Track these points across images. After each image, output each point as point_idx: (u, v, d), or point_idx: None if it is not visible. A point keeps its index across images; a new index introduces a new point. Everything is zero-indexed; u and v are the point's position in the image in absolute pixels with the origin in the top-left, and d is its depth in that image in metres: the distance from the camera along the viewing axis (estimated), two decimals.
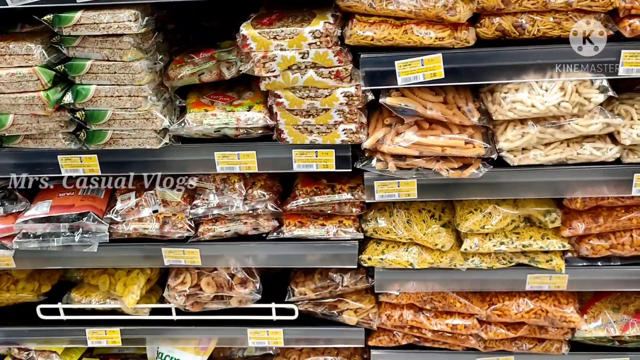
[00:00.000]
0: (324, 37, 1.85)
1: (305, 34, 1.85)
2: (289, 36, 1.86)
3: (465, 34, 1.85)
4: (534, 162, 2.02)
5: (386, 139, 2.03)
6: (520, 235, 2.23)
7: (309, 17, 1.92)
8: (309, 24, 1.86)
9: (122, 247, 2.36)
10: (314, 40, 1.85)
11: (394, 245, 2.33)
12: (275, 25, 1.90)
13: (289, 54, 1.89)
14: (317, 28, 1.84)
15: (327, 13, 1.91)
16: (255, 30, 1.89)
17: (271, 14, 1.98)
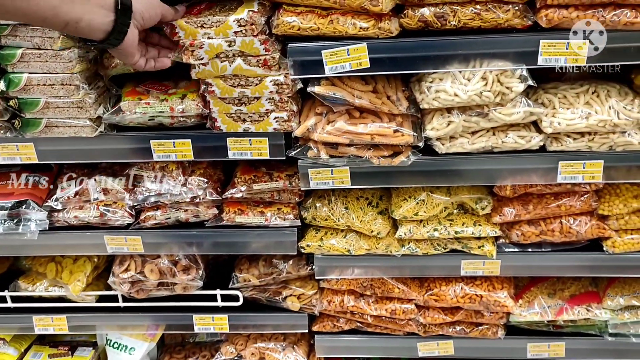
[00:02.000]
0: (249, 26, 1.87)
1: (230, 22, 1.87)
2: (215, 24, 1.89)
3: (388, 24, 1.88)
4: (461, 149, 2.06)
5: (317, 127, 2.06)
6: (454, 222, 2.27)
7: (235, 5, 1.94)
8: (235, 13, 1.89)
9: (63, 234, 2.38)
10: (239, 28, 1.88)
11: (332, 232, 2.37)
12: (202, 14, 1.92)
13: (216, 42, 1.92)
14: (241, 16, 1.87)
15: (254, 2, 1.94)
16: (183, 19, 1.91)
17: (200, 3, 2.01)
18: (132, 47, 1.77)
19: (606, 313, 2.42)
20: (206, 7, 1.97)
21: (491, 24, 1.87)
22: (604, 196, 2.21)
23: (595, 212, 2.23)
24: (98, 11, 1.62)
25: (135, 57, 1.83)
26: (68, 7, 1.56)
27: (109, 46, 1.73)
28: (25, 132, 2.14)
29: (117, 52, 1.79)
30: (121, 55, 1.82)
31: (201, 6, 1.98)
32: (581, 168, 2.05)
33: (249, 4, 1.93)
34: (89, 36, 1.67)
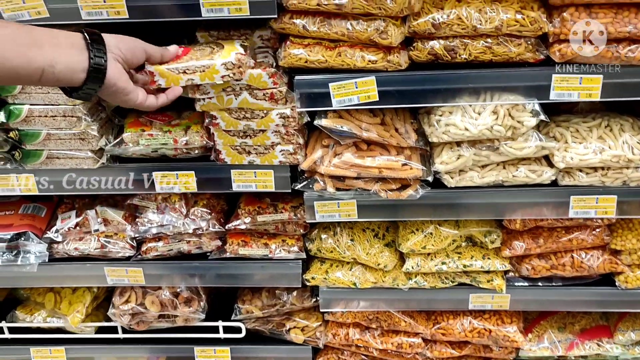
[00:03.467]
0: (236, 68, 1.80)
1: (217, 67, 1.79)
2: (199, 69, 1.78)
3: (397, 57, 1.84)
4: (471, 183, 2.02)
5: (324, 160, 2.02)
6: (462, 255, 2.23)
7: (217, 48, 1.87)
8: (221, 55, 1.82)
9: (63, 266, 2.33)
10: (226, 72, 1.79)
11: (337, 265, 2.32)
12: (183, 59, 1.80)
13: None
14: (228, 60, 1.79)
15: (235, 43, 1.89)
16: (163, 66, 1.77)
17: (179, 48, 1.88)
18: (120, 80, 1.60)
19: (617, 348, 2.37)
20: (183, 53, 1.84)
21: (503, 58, 1.83)
22: (617, 230, 2.16)
23: (607, 246, 2.18)
24: (71, 52, 1.50)
25: (130, 91, 1.64)
26: (39, 52, 1.45)
27: (94, 87, 1.56)
28: (26, 164, 2.09)
29: (109, 93, 1.62)
30: (116, 96, 1.63)
31: (179, 52, 1.85)
32: (594, 203, 2.01)
33: (232, 46, 1.85)
34: (71, 80, 1.53)
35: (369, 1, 1.77)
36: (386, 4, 1.76)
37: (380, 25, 1.80)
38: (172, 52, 1.79)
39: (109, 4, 1.80)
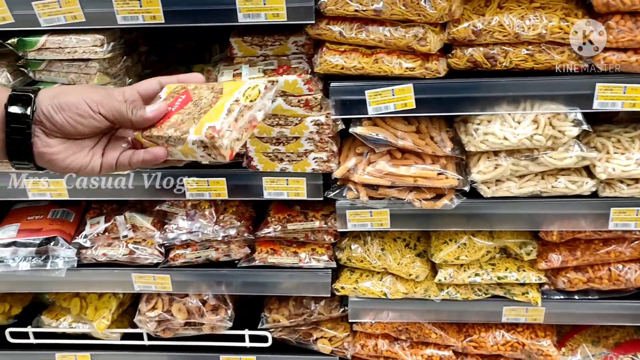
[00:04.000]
0: (211, 149, 1.23)
1: (189, 144, 1.23)
2: (179, 142, 1.25)
3: (436, 64, 1.81)
4: (508, 194, 1.98)
5: (358, 168, 1.99)
6: (496, 267, 2.18)
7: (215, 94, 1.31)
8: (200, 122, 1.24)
9: (91, 271, 2.31)
10: (202, 152, 1.25)
11: (368, 274, 2.28)
12: (171, 120, 1.29)
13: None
14: (197, 137, 1.21)
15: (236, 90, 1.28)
16: (144, 132, 1.30)
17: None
18: (64, 162, 1.24)
19: None
20: (181, 104, 1.30)
21: (544, 66, 1.79)
22: None
23: None
24: None
25: (88, 168, 1.27)
26: None
27: (23, 167, 1.25)
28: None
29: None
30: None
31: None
32: (634, 215, 1.96)
33: (227, 97, 1.26)
34: None
35: (408, 8, 1.74)
36: (426, 10, 1.72)
37: (419, 32, 1.77)
38: (150, 116, 1.27)
39: (145, 9, 1.78)
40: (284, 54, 2.01)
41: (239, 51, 2.01)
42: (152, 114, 1.28)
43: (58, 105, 1.18)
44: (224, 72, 1.94)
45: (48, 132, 1.20)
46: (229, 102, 1.23)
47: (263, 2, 1.75)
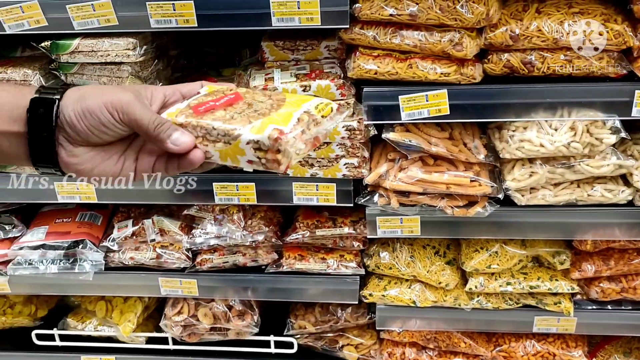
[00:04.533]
0: (271, 153, 1.08)
1: (242, 143, 1.07)
2: (221, 138, 1.09)
3: (472, 70, 1.78)
4: (543, 202, 1.95)
5: (389, 174, 1.97)
6: (528, 276, 2.15)
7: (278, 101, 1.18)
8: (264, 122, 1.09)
9: (118, 275, 2.31)
10: (253, 155, 1.08)
11: (396, 282, 2.25)
12: (216, 114, 1.14)
13: (290, 87, 1.83)
14: (258, 137, 1.05)
15: (306, 102, 1.16)
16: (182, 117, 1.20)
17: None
18: (92, 173, 1.12)
19: None
20: (229, 101, 1.17)
21: (583, 72, 1.76)
22: None
23: None
24: (10, 123, 1.08)
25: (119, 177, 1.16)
26: None
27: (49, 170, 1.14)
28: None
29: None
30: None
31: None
32: None
33: (296, 106, 1.14)
34: (10, 158, 1.13)
35: (445, 12, 1.72)
36: (463, 15, 1.70)
37: (454, 37, 1.75)
38: (181, 143, 1.09)
39: (178, 12, 1.78)
40: (316, 59, 1.99)
41: (271, 55, 2.00)
42: (183, 142, 1.08)
43: (80, 112, 1.05)
44: (255, 76, 1.93)
45: (72, 141, 1.08)
46: (297, 111, 1.11)
47: (297, 6, 1.73)
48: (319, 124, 1.13)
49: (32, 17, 1.84)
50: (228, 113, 1.12)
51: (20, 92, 1.09)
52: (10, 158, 1.11)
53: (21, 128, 1.07)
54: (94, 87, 1.10)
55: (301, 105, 1.13)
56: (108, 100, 1.05)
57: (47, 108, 1.06)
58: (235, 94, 1.18)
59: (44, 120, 1.06)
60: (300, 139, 1.09)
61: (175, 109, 1.14)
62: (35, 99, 1.07)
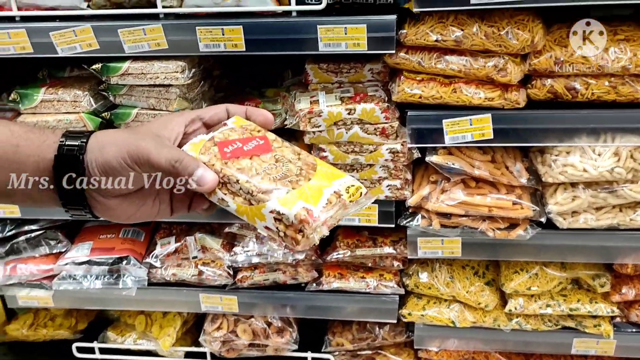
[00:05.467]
0: (291, 229, 1.02)
1: (265, 210, 1.02)
2: (244, 194, 1.04)
3: (516, 95, 1.80)
4: (585, 226, 1.95)
5: (431, 196, 1.99)
6: (568, 298, 2.15)
7: (308, 169, 1.11)
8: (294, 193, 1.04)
9: (159, 290, 2.35)
10: (273, 224, 1.02)
11: (435, 301, 2.27)
12: (241, 162, 1.08)
13: (335, 110, 1.87)
14: (287, 211, 1.00)
15: (338, 180, 1.09)
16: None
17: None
18: (129, 219, 1.11)
19: None
20: (256, 149, 1.11)
21: (627, 98, 1.77)
22: None
23: None
24: (37, 175, 1.03)
25: (157, 217, 1.16)
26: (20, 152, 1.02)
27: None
28: None
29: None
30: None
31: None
32: None
33: (327, 181, 1.07)
34: (44, 205, 1.09)
35: (490, 38, 1.74)
36: (508, 42, 1.72)
37: (499, 62, 1.77)
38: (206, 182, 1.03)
39: (227, 37, 1.82)
40: (359, 81, 2.03)
41: (315, 77, 2.03)
42: (208, 181, 1.02)
43: (102, 168, 1.01)
44: (300, 98, 1.96)
45: (104, 194, 1.04)
46: (328, 189, 1.03)
47: (344, 32, 1.77)
48: (346, 208, 1.05)
49: (85, 40, 1.89)
50: (254, 165, 1.05)
51: (44, 141, 1.03)
52: (44, 205, 1.08)
53: (50, 183, 1.03)
54: (113, 134, 1.06)
55: (332, 182, 1.05)
56: (125, 152, 1.00)
57: (73, 163, 1.01)
58: (265, 141, 1.11)
59: (72, 180, 1.01)
60: (325, 223, 1.01)
61: (199, 140, 1.09)
62: (60, 154, 1.01)
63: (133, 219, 1.10)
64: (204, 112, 1.15)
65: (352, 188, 1.06)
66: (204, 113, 1.15)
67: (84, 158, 1.01)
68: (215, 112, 1.15)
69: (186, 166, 1.01)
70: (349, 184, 1.06)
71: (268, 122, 1.18)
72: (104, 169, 1.01)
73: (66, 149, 1.01)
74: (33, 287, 2.38)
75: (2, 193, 1.04)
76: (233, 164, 1.04)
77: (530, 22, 1.74)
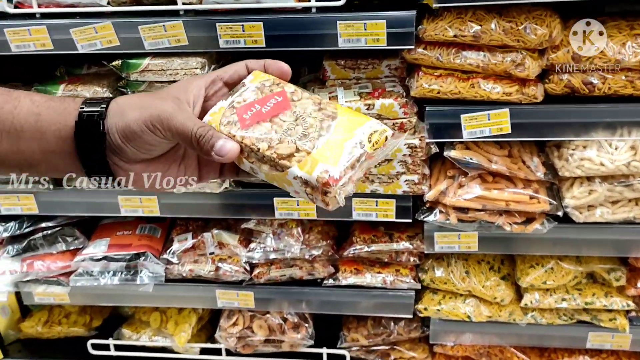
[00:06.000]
0: (316, 192, 1.00)
1: (289, 175, 0.99)
2: (269, 157, 1.00)
3: (533, 90, 1.82)
4: (601, 219, 1.97)
5: (449, 191, 2.00)
6: (583, 292, 2.17)
7: (330, 111, 1.06)
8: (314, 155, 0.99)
9: (176, 286, 2.36)
10: (300, 187, 1.00)
11: (451, 296, 2.28)
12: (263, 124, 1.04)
13: (355, 105, 1.88)
14: (307, 176, 0.97)
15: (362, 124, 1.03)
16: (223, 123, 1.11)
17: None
18: (154, 186, 1.09)
19: None
20: (276, 108, 1.06)
21: None
22: None
23: None
24: (60, 144, 1.03)
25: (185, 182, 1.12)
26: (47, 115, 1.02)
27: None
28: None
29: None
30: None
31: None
32: None
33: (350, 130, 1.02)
34: (70, 173, 1.09)
35: (508, 34, 1.76)
36: (526, 37, 1.74)
37: (517, 57, 1.78)
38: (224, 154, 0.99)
39: (247, 33, 1.84)
40: (377, 77, 2.04)
41: (332, 74, 2.05)
42: (228, 151, 0.99)
43: (123, 133, 1.00)
44: (319, 94, 1.97)
45: (126, 160, 1.03)
46: (350, 143, 1.00)
47: (364, 27, 1.78)
48: (372, 157, 1.02)
49: (105, 37, 1.91)
50: (274, 128, 1.02)
51: (65, 108, 1.02)
52: (68, 173, 1.08)
53: (72, 150, 1.02)
54: (133, 98, 1.05)
55: (354, 133, 1.01)
56: (147, 116, 0.99)
57: (94, 129, 1.00)
58: (283, 97, 1.07)
59: (93, 145, 1.01)
60: (351, 180, 0.99)
61: (218, 108, 1.06)
62: (80, 120, 1.01)
63: (159, 186, 1.08)
64: (224, 72, 1.12)
65: (376, 134, 1.01)
66: (224, 73, 1.12)
67: (104, 123, 1.00)
68: (235, 70, 1.12)
69: (208, 139, 0.99)
70: (373, 130, 1.02)
71: (285, 74, 1.14)
72: (124, 133, 0.99)
73: (86, 115, 1.00)
74: (50, 284, 2.40)
75: (27, 162, 1.04)
76: (254, 131, 1.02)
77: (547, 17, 1.75)
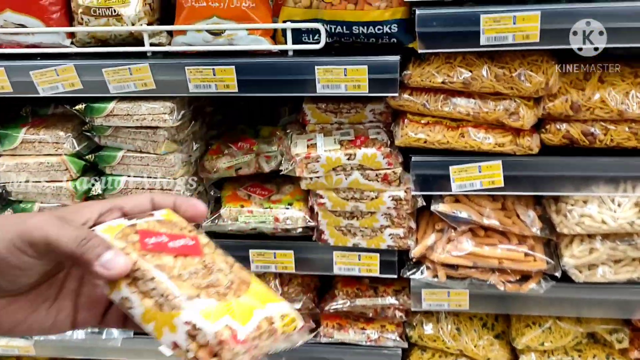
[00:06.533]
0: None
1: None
2: (156, 302, 0.83)
3: (528, 140, 1.67)
4: (602, 280, 1.81)
5: (437, 246, 1.85)
6: (583, 353, 2.01)
7: (238, 282, 0.90)
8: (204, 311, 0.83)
9: (146, 340, 2.21)
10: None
11: (441, 355, 2.12)
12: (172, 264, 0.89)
13: (334, 156, 1.74)
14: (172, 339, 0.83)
15: (271, 304, 0.87)
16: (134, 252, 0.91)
17: None
18: (18, 330, 0.88)
19: None
20: (184, 249, 0.89)
21: None
22: None
23: None
24: None
25: (55, 329, 0.91)
26: None
27: None
28: None
29: None
30: None
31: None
32: None
33: (251, 304, 0.86)
34: None
35: (500, 80, 1.62)
36: (520, 84, 1.60)
37: (510, 106, 1.64)
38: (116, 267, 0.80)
39: (218, 77, 1.70)
40: (360, 122, 1.90)
41: (312, 118, 1.91)
42: (117, 266, 0.80)
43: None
44: (297, 141, 1.83)
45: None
46: (260, 312, 0.84)
47: (344, 73, 1.64)
48: (276, 340, 0.87)
49: (67, 79, 1.77)
50: (177, 265, 0.85)
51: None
52: None
53: None
54: (1, 218, 0.86)
55: (266, 305, 0.86)
56: (13, 232, 0.79)
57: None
58: (196, 242, 0.91)
59: None
60: (250, 352, 0.82)
61: (116, 224, 0.88)
62: None
63: (17, 331, 0.87)
64: (125, 202, 0.93)
65: (288, 318, 0.87)
66: (125, 203, 0.93)
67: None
68: (137, 203, 0.93)
69: (94, 245, 0.80)
70: (285, 312, 0.88)
71: (198, 216, 0.96)
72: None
73: None
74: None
75: None
76: (153, 258, 0.84)
77: (544, 63, 1.61)
